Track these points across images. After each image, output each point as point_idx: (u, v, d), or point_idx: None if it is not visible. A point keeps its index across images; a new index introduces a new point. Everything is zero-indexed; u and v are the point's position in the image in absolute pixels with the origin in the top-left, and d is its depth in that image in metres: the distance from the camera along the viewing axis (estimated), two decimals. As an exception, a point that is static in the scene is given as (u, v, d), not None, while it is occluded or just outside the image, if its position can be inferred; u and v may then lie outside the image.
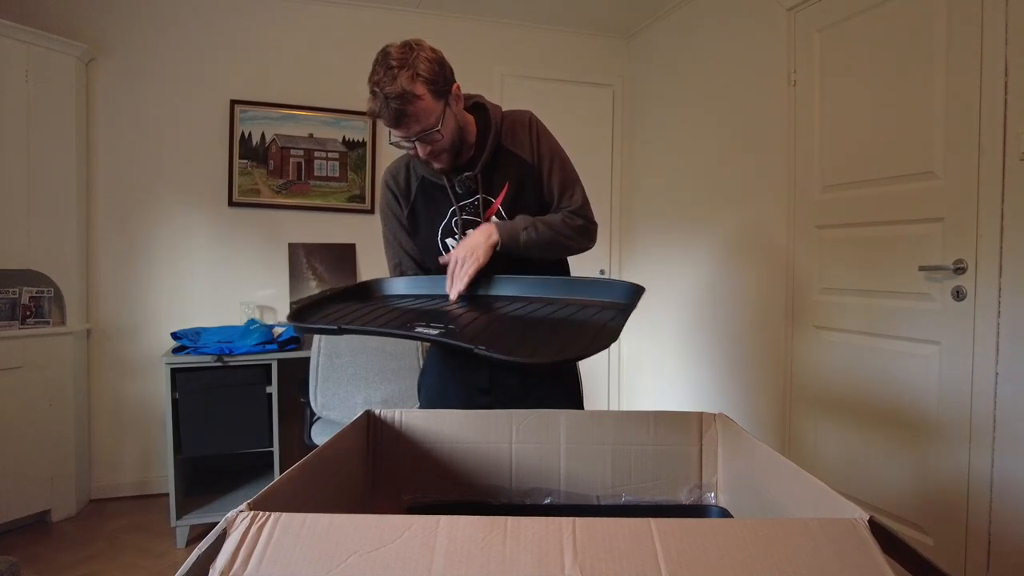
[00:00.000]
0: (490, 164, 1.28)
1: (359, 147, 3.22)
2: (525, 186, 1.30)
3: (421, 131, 1.15)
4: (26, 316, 2.57)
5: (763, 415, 2.61)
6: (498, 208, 1.29)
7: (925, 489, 1.91)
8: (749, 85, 2.66)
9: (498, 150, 1.29)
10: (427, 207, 1.33)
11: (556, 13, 3.33)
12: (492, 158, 1.28)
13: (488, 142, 1.27)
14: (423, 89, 1.12)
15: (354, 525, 0.55)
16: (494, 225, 1.22)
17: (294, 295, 3.11)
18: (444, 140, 1.19)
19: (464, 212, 1.30)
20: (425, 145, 1.17)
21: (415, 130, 1.15)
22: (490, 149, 1.27)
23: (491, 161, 1.28)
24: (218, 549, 0.53)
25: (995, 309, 1.71)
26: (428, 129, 1.15)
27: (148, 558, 2.32)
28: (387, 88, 1.10)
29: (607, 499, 1.04)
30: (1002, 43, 1.68)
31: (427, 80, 1.13)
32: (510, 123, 1.32)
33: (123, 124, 2.90)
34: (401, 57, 1.12)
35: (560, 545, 0.52)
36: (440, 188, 1.30)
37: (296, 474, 0.73)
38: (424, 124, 1.15)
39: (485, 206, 1.29)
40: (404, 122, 1.13)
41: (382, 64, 1.13)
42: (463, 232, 1.28)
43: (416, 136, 1.16)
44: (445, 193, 1.29)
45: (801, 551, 0.54)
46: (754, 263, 2.67)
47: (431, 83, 1.14)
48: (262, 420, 2.53)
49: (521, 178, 1.30)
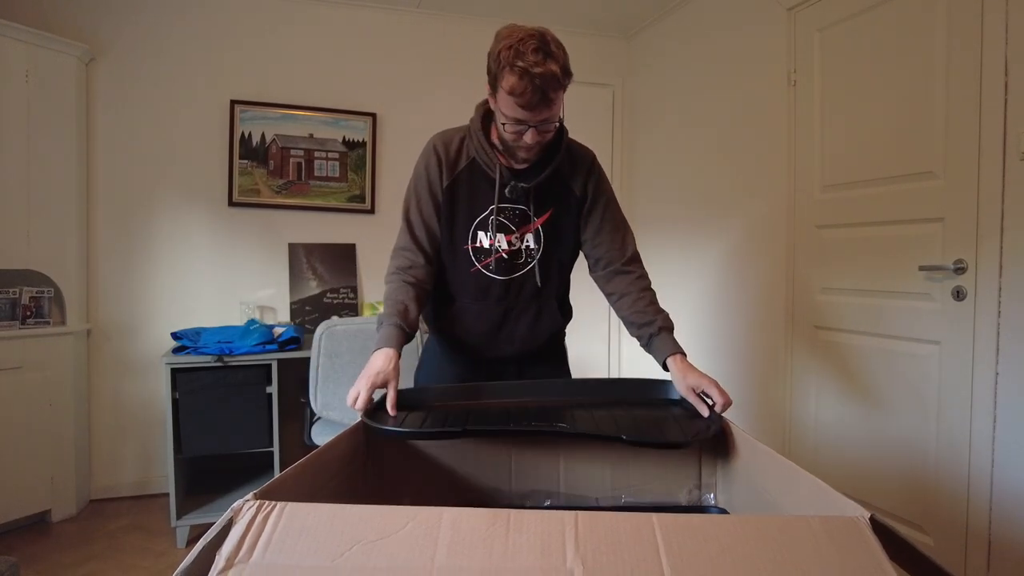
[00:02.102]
0: (543, 184, 1.32)
1: (359, 147, 3.22)
2: (567, 217, 1.37)
3: (548, 119, 1.20)
4: (26, 316, 2.57)
5: (763, 415, 2.61)
6: (537, 228, 1.35)
7: (925, 489, 1.91)
8: (749, 85, 2.66)
9: (556, 174, 1.33)
10: (469, 190, 1.34)
11: (556, 13, 3.33)
12: (546, 179, 1.32)
13: (552, 162, 1.32)
14: (565, 83, 1.19)
15: (358, 515, 0.55)
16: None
17: (294, 295, 3.11)
18: (551, 136, 1.25)
19: (502, 215, 1.33)
20: (538, 134, 1.21)
21: (544, 116, 1.19)
22: (550, 172, 1.31)
23: (544, 182, 1.32)
24: (224, 537, 0.53)
25: (995, 309, 1.70)
26: (552, 120, 1.21)
27: (148, 558, 2.32)
28: (539, 69, 1.13)
29: (607, 500, 1.04)
30: (1002, 43, 1.68)
31: (568, 76, 1.19)
32: (572, 154, 1.38)
33: (123, 124, 2.90)
34: (558, 47, 1.17)
35: (562, 537, 0.52)
36: (487, 179, 1.32)
37: (296, 474, 0.73)
38: (552, 113, 1.20)
39: (523, 219, 1.33)
40: (540, 107, 1.17)
41: (540, 48, 1.14)
42: (496, 232, 1.32)
43: (539, 123, 1.19)
44: (491, 186, 1.31)
45: (802, 547, 0.54)
46: (754, 263, 2.67)
47: (568, 81, 1.20)
48: (262, 420, 2.52)
49: (566, 208, 1.36)
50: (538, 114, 1.17)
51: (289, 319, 3.10)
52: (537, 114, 1.17)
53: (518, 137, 1.21)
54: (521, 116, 1.17)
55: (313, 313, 3.10)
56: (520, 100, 1.15)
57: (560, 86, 1.16)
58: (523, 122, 1.18)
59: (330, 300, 3.14)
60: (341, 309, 3.15)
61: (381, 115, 3.25)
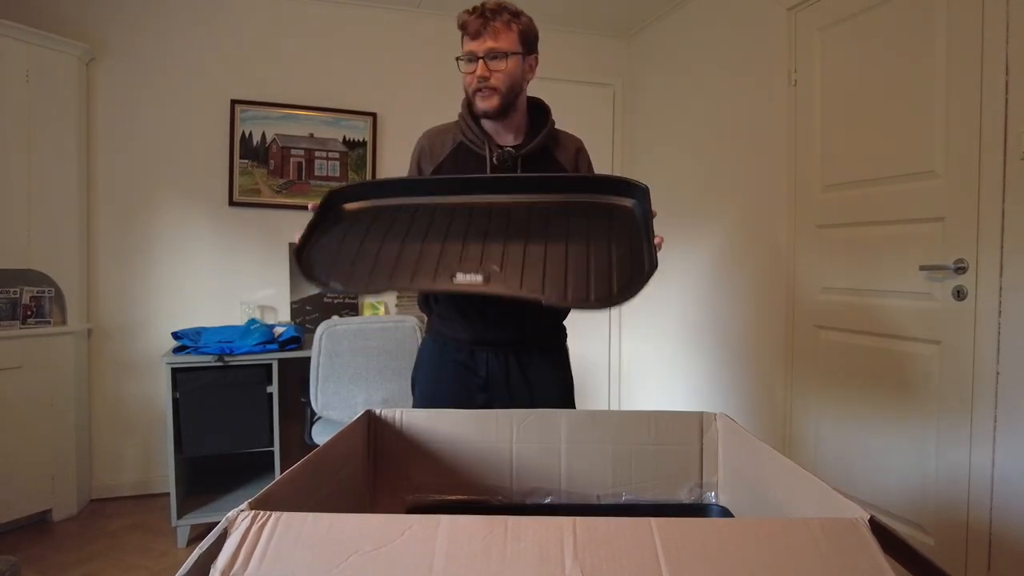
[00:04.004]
0: (533, 155, 1.36)
1: (359, 147, 3.22)
2: None
3: (493, 48, 1.27)
4: (27, 316, 2.57)
5: (763, 415, 2.61)
6: None
7: (926, 489, 1.91)
8: (749, 85, 2.66)
9: (544, 150, 1.38)
10: (456, 171, 1.37)
11: (556, 13, 3.33)
12: (537, 150, 1.36)
13: (540, 135, 1.36)
14: (514, 27, 1.28)
15: (355, 525, 0.55)
16: None
17: (294, 295, 3.11)
18: (503, 76, 1.29)
19: None
20: (487, 68, 1.27)
21: (489, 45, 1.26)
22: (539, 142, 1.36)
23: (535, 153, 1.36)
24: (219, 548, 0.53)
25: (996, 308, 1.70)
26: (499, 51, 1.27)
27: (149, 558, 2.32)
28: (490, 4, 1.26)
29: (608, 498, 1.04)
30: (1003, 42, 1.68)
31: (521, 24, 1.30)
32: (562, 136, 1.45)
33: (123, 124, 2.90)
34: (515, 7, 1.30)
35: (560, 545, 0.52)
36: (478, 158, 1.35)
37: (296, 474, 0.73)
38: (499, 45, 1.27)
39: None
40: (484, 33, 1.26)
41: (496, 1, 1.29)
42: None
43: (486, 52, 1.26)
44: (481, 165, 1.35)
45: (802, 550, 0.54)
46: (754, 263, 2.67)
47: (522, 31, 1.30)
48: (263, 420, 2.53)
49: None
50: (483, 42, 1.26)
51: (289, 319, 3.10)
52: (482, 42, 1.26)
53: (473, 77, 1.28)
54: (470, 47, 1.27)
55: (313, 313, 3.11)
56: (467, 28, 1.27)
57: (505, 16, 1.26)
58: (473, 53, 1.27)
59: (330, 300, 3.15)
60: (341, 309, 3.15)
61: (381, 115, 3.25)
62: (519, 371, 1.40)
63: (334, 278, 1.04)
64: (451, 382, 1.40)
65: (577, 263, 1.02)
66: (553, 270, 1.01)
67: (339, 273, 1.05)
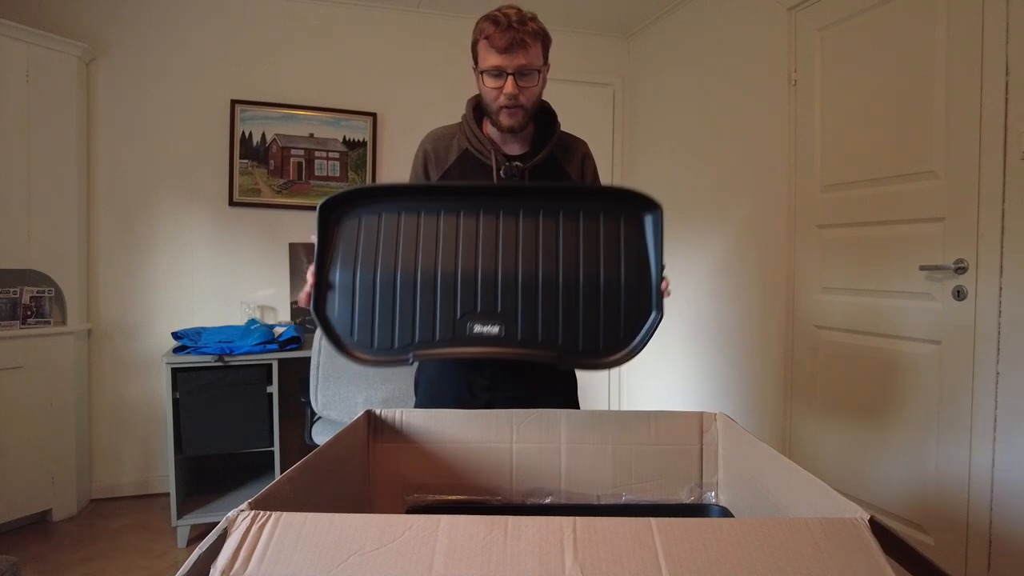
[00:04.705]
0: (540, 166, 1.32)
1: (359, 147, 3.22)
2: None
3: (525, 67, 1.21)
4: (27, 316, 2.57)
5: (763, 415, 2.61)
6: None
7: (926, 489, 1.91)
8: (749, 85, 2.66)
9: (551, 160, 1.34)
10: (462, 179, 1.34)
11: (556, 13, 3.33)
12: (544, 161, 1.32)
13: (547, 144, 1.33)
14: (539, 39, 1.23)
15: (355, 525, 0.55)
16: None
17: (294, 295, 3.11)
18: (532, 92, 1.25)
19: None
20: (517, 86, 1.22)
21: (520, 62, 1.20)
22: (546, 152, 1.32)
23: (541, 163, 1.32)
24: (219, 549, 0.53)
25: (996, 308, 1.70)
26: (530, 68, 1.22)
27: (149, 558, 2.32)
28: (512, 11, 1.19)
29: (608, 498, 1.04)
30: (1003, 42, 1.68)
31: (543, 36, 1.25)
32: (568, 141, 1.40)
33: (123, 124, 2.90)
34: (530, 12, 1.24)
35: (560, 545, 0.52)
36: (482, 167, 1.32)
37: (296, 474, 0.73)
38: (529, 62, 1.22)
39: None
40: (515, 50, 1.19)
41: (513, 7, 1.22)
42: None
43: (516, 69, 1.21)
44: (486, 173, 1.31)
45: (801, 551, 0.54)
46: (754, 262, 2.67)
47: (544, 42, 1.25)
48: (263, 420, 2.53)
49: None
50: (514, 58, 1.20)
51: (290, 319, 3.10)
52: (513, 58, 1.20)
53: (498, 92, 1.23)
54: (498, 62, 1.20)
55: (313, 313, 3.10)
56: (495, 42, 1.19)
57: (534, 32, 1.21)
58: (501, 69, 1.21)
59: (330, 300, 3.14)
60: (341, 309, 3.15)
61: (381, 115, 3.25)
62: (525, 386, 1.38)
63: (358, 347, 1.03)
64: (455, 381, 1.40)
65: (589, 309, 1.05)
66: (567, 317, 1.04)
67: (363, 335, 1.03)
